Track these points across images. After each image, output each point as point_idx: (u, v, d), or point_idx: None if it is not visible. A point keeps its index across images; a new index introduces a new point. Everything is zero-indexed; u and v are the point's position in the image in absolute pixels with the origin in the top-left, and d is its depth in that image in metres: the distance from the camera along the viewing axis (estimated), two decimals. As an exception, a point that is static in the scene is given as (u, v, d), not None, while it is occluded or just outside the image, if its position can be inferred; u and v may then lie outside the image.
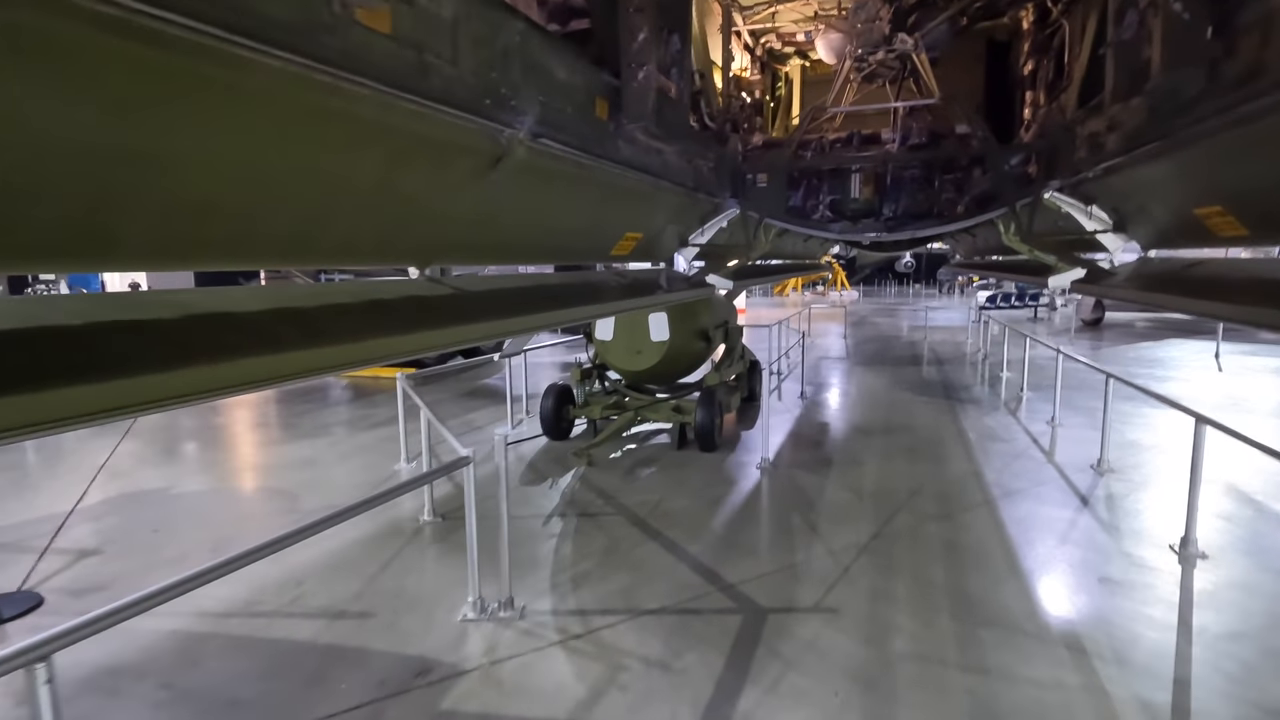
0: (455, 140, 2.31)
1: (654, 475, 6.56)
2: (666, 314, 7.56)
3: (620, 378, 8.33)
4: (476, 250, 2.96)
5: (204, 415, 9.67)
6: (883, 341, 18.41)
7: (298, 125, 1.68)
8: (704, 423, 7.15)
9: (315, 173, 1.86)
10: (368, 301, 2.38)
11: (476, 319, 3.14)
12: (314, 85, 1.58)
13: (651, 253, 5.72)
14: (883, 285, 58.51)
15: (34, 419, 1.24)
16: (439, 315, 2.80)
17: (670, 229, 5.65)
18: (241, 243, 1.85)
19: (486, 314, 3.27)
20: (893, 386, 11.34)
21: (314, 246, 2.18)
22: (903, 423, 8.67)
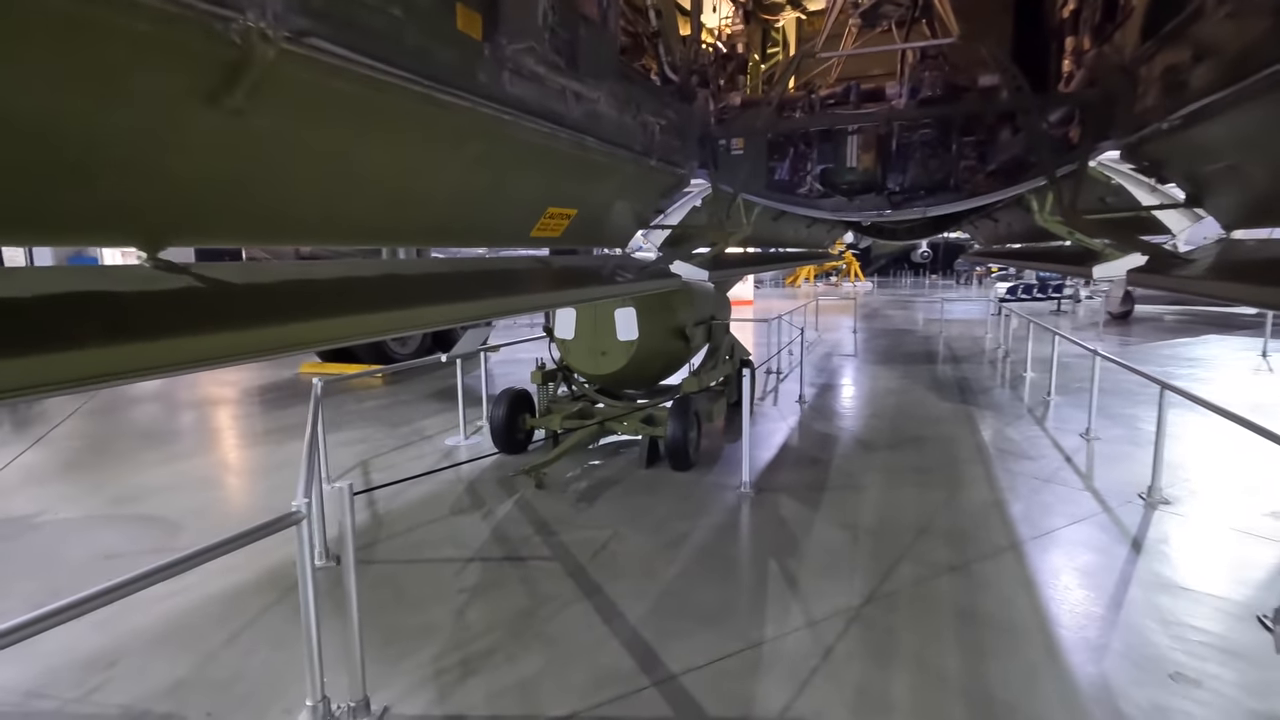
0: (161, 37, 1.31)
1: (611, 502, 5.52)
2: (635, 309, 6.49)
3: (593, 383, 7.28)
4: (227, 223, 1.92)
5: (140, 418, 8.75)
6: (895, 336, 17.21)
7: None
8: (676, 437, 6.09)
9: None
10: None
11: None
12: None
13: (599, 235, 4.65)
14: (898, 276, 56.96)
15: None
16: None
17: (621, 207, 4.57)
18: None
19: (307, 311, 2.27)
20: (904, 389, 10.20)
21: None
22: (913, 434, 7.56)
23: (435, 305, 2.94)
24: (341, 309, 2.43)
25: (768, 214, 8.46)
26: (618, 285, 4.47)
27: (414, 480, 6.08)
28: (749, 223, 5.63)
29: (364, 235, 2.71)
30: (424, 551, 4.61)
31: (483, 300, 3.19)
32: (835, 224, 13.27)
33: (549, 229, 3.90)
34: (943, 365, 12.49)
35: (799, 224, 10.56)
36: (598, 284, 4.29)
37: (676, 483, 5.96)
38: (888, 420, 8.22)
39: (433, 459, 6.76)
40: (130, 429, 8.22)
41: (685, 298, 7.23)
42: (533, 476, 5.76)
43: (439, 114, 2.32)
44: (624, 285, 4.58)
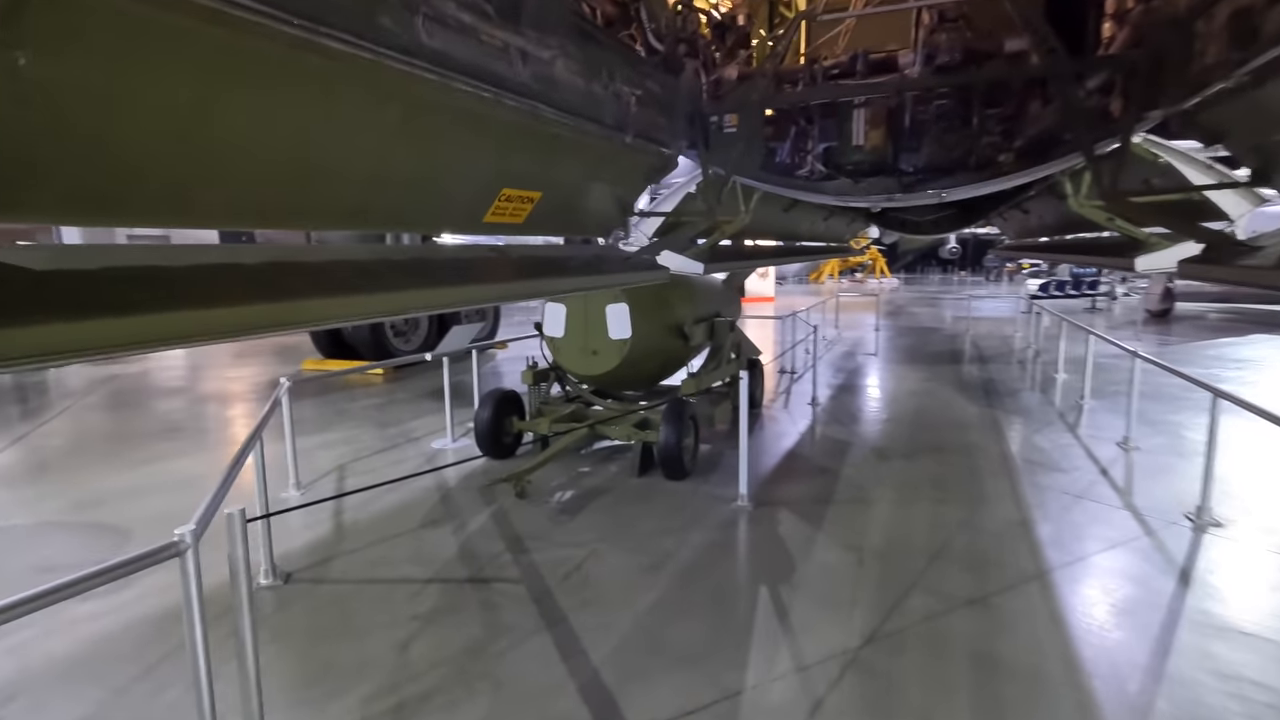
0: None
1: (595, 514, 5.07)
2: (628, 305, 6.02)
3: (585, 384, 6.85)
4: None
5: (132, 415, 8.52)
6: (919, 335, 16.51)
7: None
8: (669, 443, 5.62)
9: None
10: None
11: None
12: None
13: (575, 223, 4.21)
14: (926, 273, 55.70)
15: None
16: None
17: (598, 191, 4.12)
18: None
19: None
20: (926, 391, 9.60)
21: None
22: (932, 441, 6.99)
23: (356, 295, 2.52)
24: (236, 297, 2.03)
25: (777, 203, 7.93)
26: (591, 277, 4.02)
27: (389, 486, 5.70)
28: (748, 210, 5.13)
29: (249, 215, 2.29)
30: (382, 570, 4.21)
31: (411, 291, 2.76)
32: (852, 215, 12.67)
33: (507, 214, 3.46)
34: (969, 365, 11.83)
35: (814, 215, 10.01)
36: (566, 275, 3.84)
37: (669, 494, 5.49)
38: (906, 426, 7.66)
39: (414, 464, 6.38)
40: (119, 426, 7.99)
41: (685, 293, 6.75)
42: (513, 486, 5.34)
43: (339, 68, 1.89)
44: (601, 278, 4.13)
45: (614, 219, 4.47)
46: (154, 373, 11.59)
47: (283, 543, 4.60)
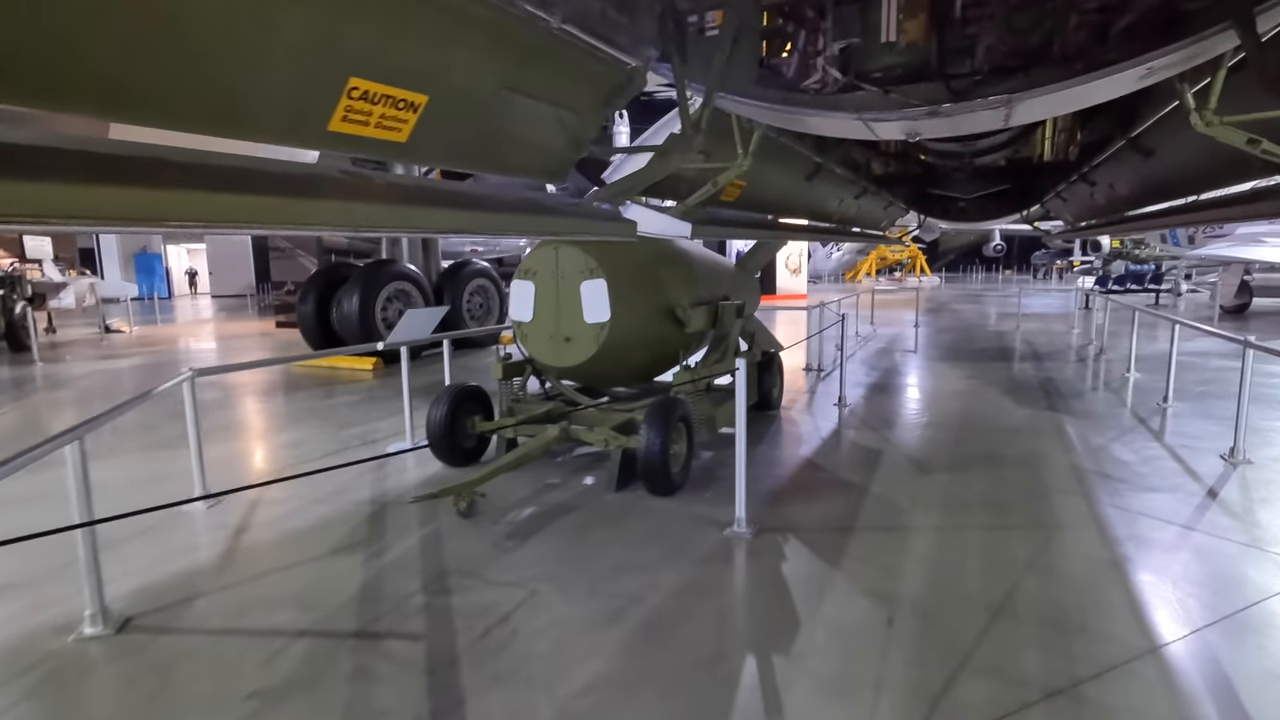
0: None
1: (552, 540, 4.00)
2: (606, 283, 4.95)
3: (561, 377, 5.79)
4: None
5: (86, 409, 7.76)
6: (963, 332, 15.06)
7: None
8: (652, 451, 4.51)
9: None
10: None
11: None
12: None
13: (503, 156, 3.16)
14: (969, 272, 53.39)
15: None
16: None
17: (535, 113, 3.07)
18: None
19: None
20: (973, 391, 8.30)
21: None
22: (983, 449, 5.75)
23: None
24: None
25: (793, 166, 6.76)
26: (521, 217, 2.96)
27: (317, 499, 4.73)
28: (747, 154, 4.02)
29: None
30: (251, 615, 3.21)
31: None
32: (887, 199, 11.36)
33: (372, 122, 2.42)
34: (1021, 363, 10.44)
35: (843, 190, 8.80)
36: (481, 210, 2.79)
37: (650, 514, 4.39)
38: (951, 431, 6.41)
39: (356, 471, 5.40)
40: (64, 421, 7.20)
41: (680, 271, 5.64)
42: (455, 502, 4.30)
43: None
44: (538, 219, 3.07)
45: (563, 155, 3.40)
46: (151, 364, 10.93)
47: (146, 572, 3.64)
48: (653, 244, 5.51)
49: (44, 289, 16.12)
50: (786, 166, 6.53)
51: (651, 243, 5.52)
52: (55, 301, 16.96)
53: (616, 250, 5.15)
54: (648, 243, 5.49)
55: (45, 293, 16.28)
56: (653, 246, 5.50)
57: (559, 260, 5.08)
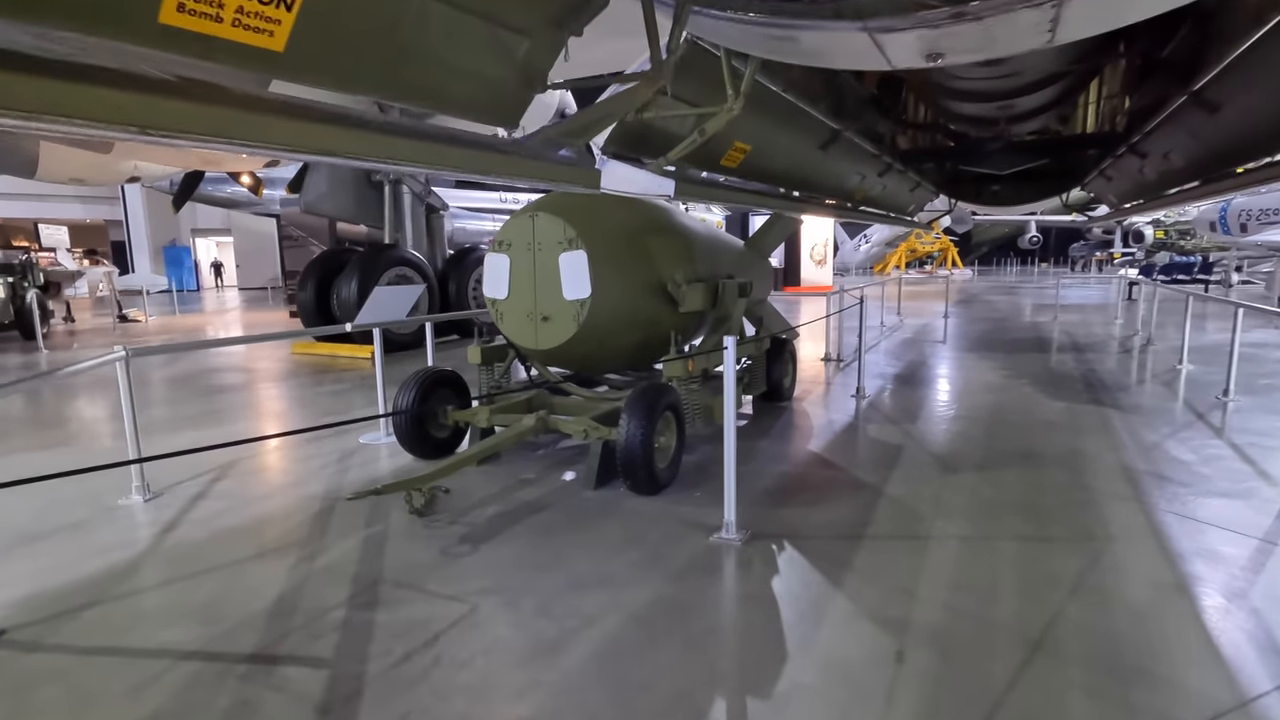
0: None
1: (509, 546, 3.48)
2: (587, 254, 4.39)
3: (543, 361, 5.26)
4: None
5: (56, 397, 7.46)
6: (996, 323, 14.22)
7: None
8: (631, 443, 3.95)
9: None
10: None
11: None
12: None
13: (429, 86, 2.63)
14: (1002, 265, 51.80)
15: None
16: None
17: (463, 26, 2.53)
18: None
19: None
20: (1006, 384, 7.58)
21: None
22: (1018, 445, 5.08)
23: None
24: None
25: (808, 137, 6.13)
26: (456, 150, 2.42)
27: (264, 493, 4.27)
28: (739, 94, 3.42)
29: None
30: (141, 630, 2.73)
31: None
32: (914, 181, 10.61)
33: (221, 16, 1.90)
34: (1060, 355, 9.65)
35: (864, 165, 8.12)
36: (403, 136, 2.26)
37: (629, 516, 3.84)
38: (981, 425, 5.74)
39: (317, 463, 4.94)
40: (15, 411, 6.90)
41: (675, 243, 5.06)
42: (406, 499, 3.80)
43: None
44: (478, 155, 2.53)
45: (512, 92, 2.85)
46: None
47: (48, 575, 3.20)
48: (642, 213, 4.95)
49: (58, 277, 16.11)
50: (797, 132, 5.90)
51: (641, 211, 4.95)
52: (70, 290, 16.97)
53: (600, 219, 4.60)
54: (636, 211, 4.93)
55: (60, 281, 16.27)
56: (642, 215, 4.93)
57: (535, 230, 4.55)
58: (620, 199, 4.94)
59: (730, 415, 3.45)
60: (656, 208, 5.14)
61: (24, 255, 16.23)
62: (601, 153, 3.71)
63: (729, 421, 3.47)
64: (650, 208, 5.09)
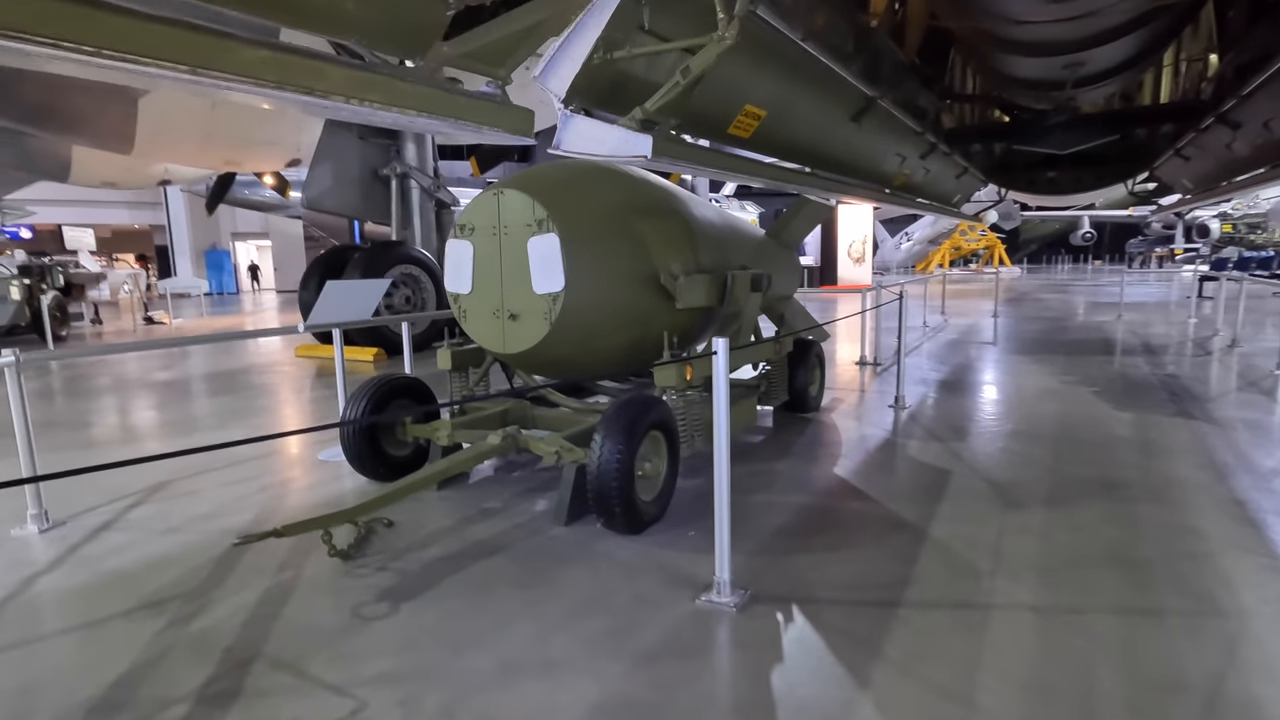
0: None
1: (436, 607, 2.72)
2: (561, 239, 3.62)
3: (516, 366, 4.51)
4: None
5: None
6: (1052, 322, 13.02)
7: None
8: (607, 471, 3.16)
9: None
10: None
11: None
12: None
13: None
14: (1054, 262, 49.51)
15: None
16: None
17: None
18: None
19: None
20: (1069, 392, 6.56)
21: None
22: (1094, 472, 4.13)
23: None
24: None
25: (837, 106, 5.27)
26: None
27: (173, 527, 3.61)
28: (732, 18, 2.61)
29: None
30: (-87, 731, 2.06)
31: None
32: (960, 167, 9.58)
33: None
34: (1129, 358, 8.53)
35: (904, 144, 7.18)
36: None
37: (601, 562, 3.05)
38: (1045, 443, 4.79)
39: (256, 486, 4.27)
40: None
41: (671, 225, 4.25)
42: (323, 538, 3.07)
43: None
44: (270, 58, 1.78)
45: (416, 9, 2.09)
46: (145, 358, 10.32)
47: None
48: (634, 191, 4.15)
49: (81, 280, 16.06)
50: (823, 98, 5.03)
51: (632, 189, 4.16)
52: (95, 292, 16.95)
53: (579, 197, 3.82)
54: (626, 188, 4.14)
55: (84, 284, 16.23)
56: (633, 194, 4.14)
57: (501, 210, 3.80)
58: (608, 173, 4.16)
59: (723, 440, 2.63)
60: (652, 185, 4.35)
61: (45, 258, 16.26)
62: (562, 105, 2.96)
63: (721, 448, 2.65)
64: (644, 185, 4.30)
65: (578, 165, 4.14)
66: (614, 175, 4.17)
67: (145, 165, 13.84)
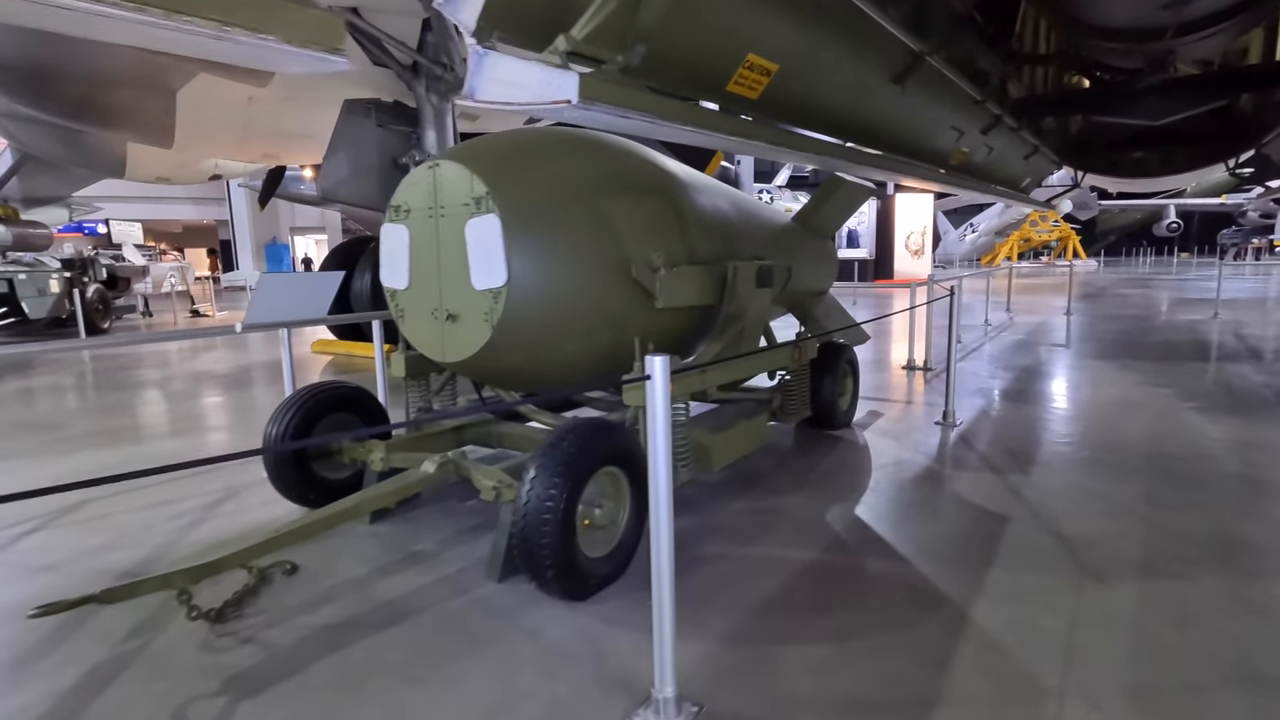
0: None
1: (289, 705, 2.04)
2: (502, 222, 2.89)
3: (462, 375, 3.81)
4: None
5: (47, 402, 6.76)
6: (1134, 321, 11.60)
7: None
8: (534, 519, 2.41)
9: None
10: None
11: None
12: None
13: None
14: (1134, 255, 46.16)
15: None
16: None
17: None
18: None
19: None
20: (1162, 407, 5.46)
21: None
22: (1206, 524, 3.15)
23: None
24: None
25: (875, 63, 4.36)
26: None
27: (47, 566, 3.07)
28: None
29: None
30: None
31: None
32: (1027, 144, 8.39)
33: None
34: (1235, 365, 7.25)
35: (960, 115, 6.19)
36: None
37: (522, 644, 2.32)
38: (1135, 478, 3.80)
39: (172, 512, 3.71)
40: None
41: (656, 204, 3.45)
42: (178, 598, 2.43)
43: None
44: None
45: None
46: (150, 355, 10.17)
47: None
48: (605, 163, 3.38)
49: (126, 273, 16.31)
50: (856, 52, 4.15)
51: (602, 161, 3.39)
52: (141, 285, 17.21)
53: (531, 170, 3.08)
54: (593, 159, 3.37)
55: (130, 277, 16.48)
56: (604, 166, 3.36)
57: (437, 186, 3.09)
58: (578, 143, 3.40)
59: (662, 496, 1.86)
60: (634, 158, 3.57)
61: (94, 251, 16.59)
62: (474, 39, 2.22)
63: (660, 507, 1.87)
64: (625, 158, 3.52)
65: (541, 134, 3.41)
66: (585, 145, 3.41)
67: (194, 160, 13.98)
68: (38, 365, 9.01)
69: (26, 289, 12.29)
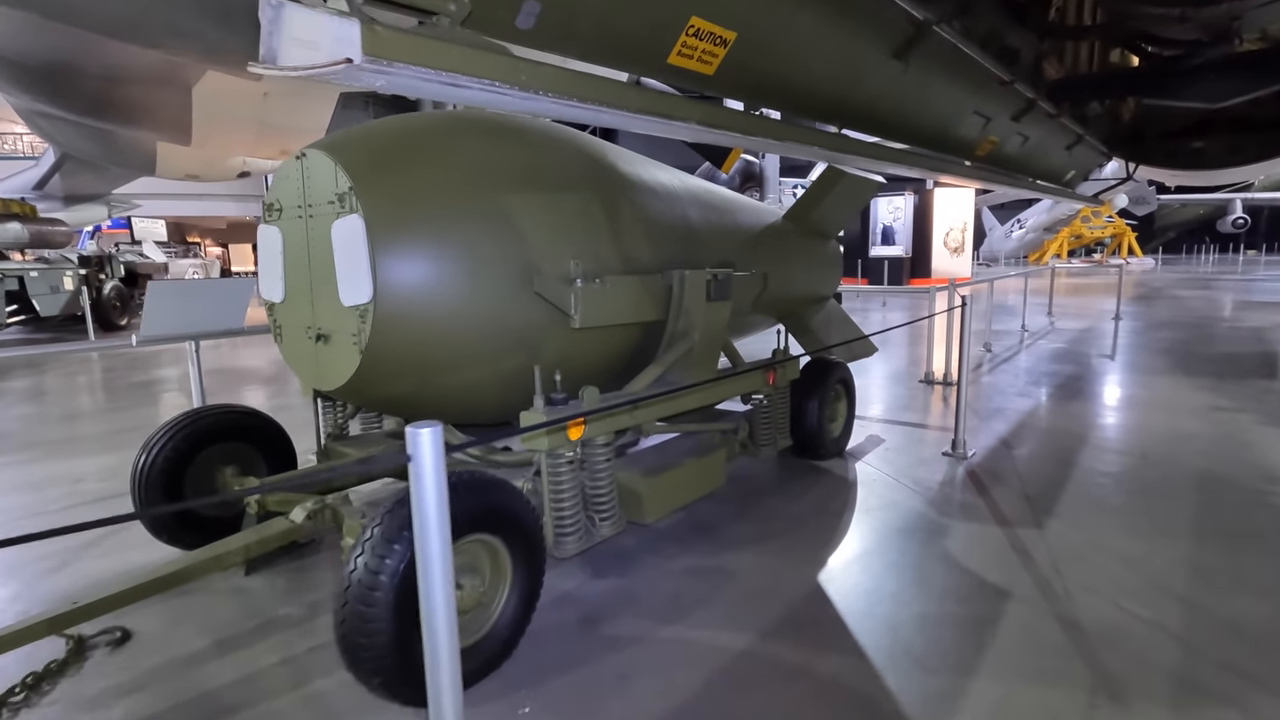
0: None
1: None
2: (366, 224, 2.35)
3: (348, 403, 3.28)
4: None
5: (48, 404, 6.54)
6: (1192, 329, 10.53)
7: None
8: (361, 608, 1.88)
9: None
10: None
11: None
12: None
13: None
14: (1195, 253, 43.60)
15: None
16: None
17: None
18: None
19: None
20: (1218, 435, 4.65)
21: None
22: (1271, 616, 2.44)
23: None
24: None
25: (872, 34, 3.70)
26: None
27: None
28: None
29: None
30: None
31: None
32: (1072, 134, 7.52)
33: None
34: (1308, 384, 6.32)
35: (984, 98, 5.43)
36: None
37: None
38: (1181, 539, 3.07)
39: (42, 549, 3.29)
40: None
41: (579, 200, 2.87)
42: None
43: None
44: None
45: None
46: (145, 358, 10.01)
47: None
48: (511, 151, 2.81)
49: (146, 269, 16.39)
50: (839, 19, 3.49)
51: (510, 148, 2.81)
52: (163, 282, 17.32)
53: (411, 161, 2.53)
54: (499, 147, 2.80)
55: (148, 273, 16.57)
56: (509, 155, 2.79)
57: (305, 180, 2.57)
58: (486, 129, 2.84)
59: (438, 598, 1.29)
60: (560, 146, 2.99)
61: (116, 247, 16.74)
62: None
63: (435, 618, 1.30)
64: (544, 144, 2.95)
65: (442, 118, 2.86)
66: (495, 132, 2.85)
67: (219, 157, 14.05)
68: (35, 366, 8.89)
69: (38, 286, 12.32)
